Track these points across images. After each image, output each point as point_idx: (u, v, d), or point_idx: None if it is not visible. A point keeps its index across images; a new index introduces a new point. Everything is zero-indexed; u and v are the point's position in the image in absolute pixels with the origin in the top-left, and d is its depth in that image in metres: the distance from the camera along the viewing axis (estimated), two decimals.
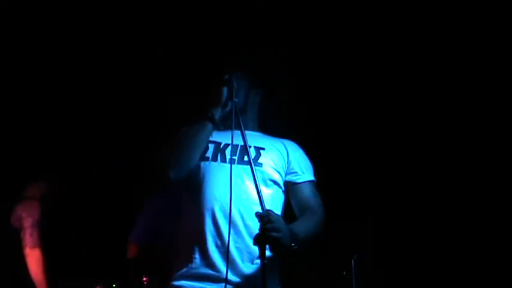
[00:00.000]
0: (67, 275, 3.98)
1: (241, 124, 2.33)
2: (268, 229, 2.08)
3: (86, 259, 4.32)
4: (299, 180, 2.51)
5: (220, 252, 2.31)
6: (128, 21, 4.16)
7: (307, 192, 2.50)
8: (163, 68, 4.30)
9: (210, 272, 2.30)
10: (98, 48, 4.29)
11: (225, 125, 2.44)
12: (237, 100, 2.41)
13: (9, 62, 4.10)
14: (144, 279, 3.34)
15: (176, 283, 2.35)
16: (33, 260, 3.69)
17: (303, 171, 2.53)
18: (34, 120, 4.33)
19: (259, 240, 2.10)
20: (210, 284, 2.29)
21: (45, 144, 4.25)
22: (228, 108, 2.42)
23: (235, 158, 2.42)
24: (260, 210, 2.14)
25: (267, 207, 2.22)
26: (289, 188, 2.51)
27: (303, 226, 2.32)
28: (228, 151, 2.43)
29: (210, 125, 2.41)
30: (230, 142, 2.40)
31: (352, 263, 3.48)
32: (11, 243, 3.72)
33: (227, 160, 2.41)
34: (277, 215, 2.20)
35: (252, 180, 2.20)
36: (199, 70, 3.32)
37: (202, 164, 2.41)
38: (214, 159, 2.42)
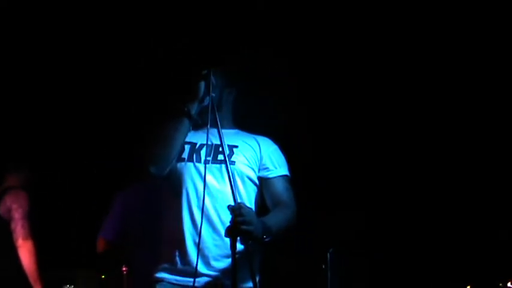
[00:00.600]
0: (56, 265, 4.00)
1: (218, 120, 2.37)
2: (239, 222, 2.15)
3: (73, 250, 4.34)
4: (271, 175, 2.55)
5: (193, 250, 2.38)
6: (128, 21, 4.20)
7: (280, 186, 2.54)
8: (163, 68, 4.34)
9: (187, 268, 2.38)
10: (99, 49, 4.34)
11: (202, 120, 2.49)
12: (214, 95, 2.44)
13: (9, 61, 4.16)
14: (124, 269, 3.41)
15: (158, 275, 2.44)
16: (26, 251, 3.69)
17: (276, 166, 2.57)
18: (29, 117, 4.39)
19: (230, 232, 2.17)
20: (190, 278, 2.36)
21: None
22: (205, 104, 2.47)
23: (210, 158, 2.48)
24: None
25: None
26: (262, 183, 2.56)
27: (275, 219, 2.39)
28: (203, 151, 2.50)
29: (186, 120, 2.47)
30: (205, 142, 2.47)
31: (328, 256, 3.51)
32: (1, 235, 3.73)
33: (202, 160, 2.48)
34: (249, 207, 2.29)
35: (227, 178, 2.27)
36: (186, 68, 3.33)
37: (178, 165, 2.49)
38: (190, 159, 2.49)
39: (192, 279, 2.34)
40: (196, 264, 2.32)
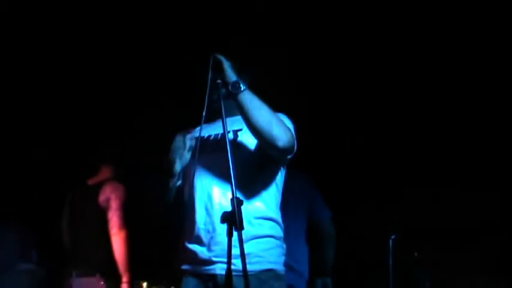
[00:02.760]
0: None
1: (223, 108, 2.31)
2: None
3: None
4: None
5: (207, 238, 2.44)
6: (131, 22, 4.26)
7: None
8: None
9: (204, 257, 2.44)
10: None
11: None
12: (220, 82, 2.38)
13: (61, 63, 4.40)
14: None
15: (183, 267, 2.52)
16: (120, 240, 3.86)
17: None
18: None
19: (225, 218, 2.16)
20: (207, 266, 2.42)
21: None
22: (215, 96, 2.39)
23: (215, 147, 2.49)
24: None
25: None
26: None
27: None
28: (210, 142, 2.54)
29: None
30: (213, 133, 2.55)
31: (390, 243, 3.34)
32: (97, 223, 3.93)
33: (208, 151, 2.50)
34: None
35: (231, 163, 2.19)
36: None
37: (192, 161, 2.53)
38: (200, 152, 2.46)
39: (209, 267, 2.41)
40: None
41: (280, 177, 2.57)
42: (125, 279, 3.88)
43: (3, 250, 3.99)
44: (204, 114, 2.34)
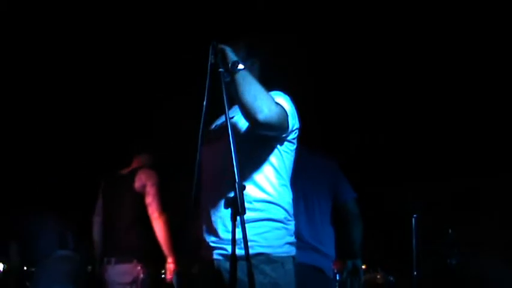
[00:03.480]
0: None
1: (225, 96, 2.29)
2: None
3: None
4: None
5: (206, 226, 2.52)
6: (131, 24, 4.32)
7: None
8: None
9: (206, 243, 2.50)
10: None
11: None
12: (222, 70, 2.36)
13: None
14: None
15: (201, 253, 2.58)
16: (163, 225, 3.97)
17: None
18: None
19: (228, 203, 2.18)
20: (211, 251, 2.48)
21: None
22: (226, 79, 2.36)
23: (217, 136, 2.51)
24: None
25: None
26: None
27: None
28: (212, 132, 2.58)
29: None
30: (216, 123, 2.60)
31: (413, 221, 3.27)
32: (133, 210, 4.03)
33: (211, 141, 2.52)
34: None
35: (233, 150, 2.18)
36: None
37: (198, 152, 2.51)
38: (205, 144, 2.46)
39: (208, 253, 2.46)
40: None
41: (278, 157, 2.52)
42: (170, 260, 4.01)
43: (43, 238, 4.18)
44: (204, 103, 2.32)
